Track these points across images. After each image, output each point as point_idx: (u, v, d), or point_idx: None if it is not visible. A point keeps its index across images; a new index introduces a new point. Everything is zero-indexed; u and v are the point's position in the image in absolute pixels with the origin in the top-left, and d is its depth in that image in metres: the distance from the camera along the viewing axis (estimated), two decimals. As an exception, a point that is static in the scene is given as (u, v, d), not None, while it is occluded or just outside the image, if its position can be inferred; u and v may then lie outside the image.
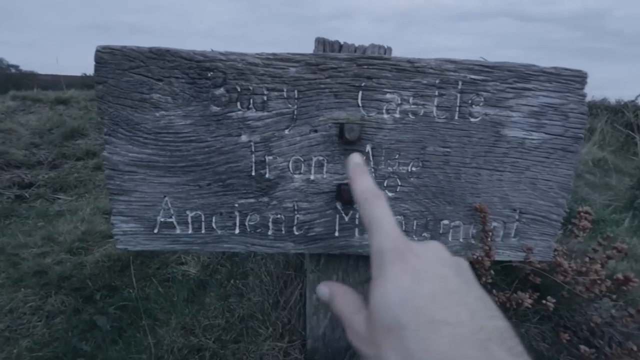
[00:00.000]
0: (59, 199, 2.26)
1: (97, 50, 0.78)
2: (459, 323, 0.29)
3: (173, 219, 0.86)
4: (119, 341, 1.16)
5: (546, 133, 0.84)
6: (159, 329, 1.10)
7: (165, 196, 0.85)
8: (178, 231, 0.87)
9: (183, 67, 0.78)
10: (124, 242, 0.88)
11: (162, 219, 0.86)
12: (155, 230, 0.87)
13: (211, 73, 0.78)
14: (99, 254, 1.60)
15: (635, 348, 0.79)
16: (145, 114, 0.80)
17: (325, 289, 0.45)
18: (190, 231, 0.87)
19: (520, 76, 0.81)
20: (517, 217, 0.89)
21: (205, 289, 1.29)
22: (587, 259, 1.01)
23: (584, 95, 0.83)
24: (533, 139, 0.84)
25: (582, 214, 1.15)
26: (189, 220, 0.87)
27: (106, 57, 0.78)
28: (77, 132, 3.07)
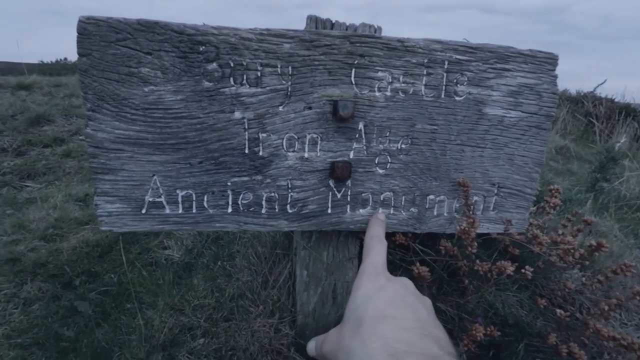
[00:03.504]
0: (27, 186, 2.15)
1: (80, 21, 0.75)
2: (405, 319, 0.37)
3: (162, 199, 0.85)
4: (103, 325, 1.14)
5: (522, 111, 0.90)
6: (147, 310, 1.09)
7: (154, 175, 0.83)
8: (167, 211, 0.86)
9: (173, 40, 0.76)
10: (108, 223, 0.86)
11: (151, 199, 0.85)
12: (143, 211, 0.86)
13: (203, 47, 0.77)
14: (76, 240, 1.54)
15: (607, 308, 0.88)
16: (133, 88, 0.78)
17: (312, 343, 0.57)
18: (180, 211, 0.87)
19: (500, 57, 0.86)
20: (495, 191, 0.95)
21: (191, 271, 1.28)
22: (560, 232, 1.09)
23: (556, 76, 0.89)
24: (511, 117, 0.89)
25: (552, 191, 1.23)
26: (179, 199, 0.86)
27: (90, 28, 0.75)
28: (42, 118, 2.90)
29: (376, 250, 0.50)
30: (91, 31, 0.75)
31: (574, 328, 0.94)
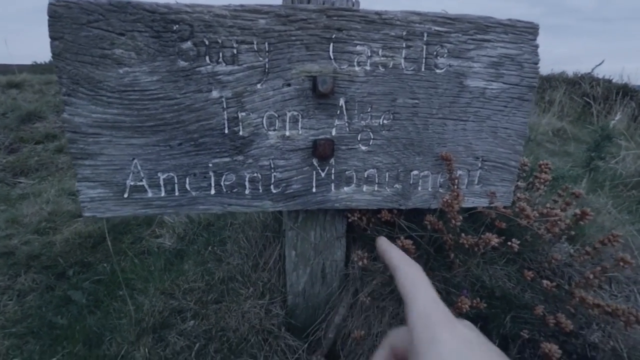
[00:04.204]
0: (20, 182, 2.14)
1: (51, 4, 0.74)
2: None
3: (144, 182, 0.85)
4: (96, 312, 1.15)
5: (504, 83, 0.89)
6: (138, 296, 1.10)
7: (134, 158, 0.83)
8: (150, 195, 0.86)
9: (146, 20, 0.75)
10: (91, 209, 0.85)
11: (132, 183, 0.85)
12: (125, 195, 0.85)
13: (177, 26, 0.76)
14: (69, 232, 1.54)
15: (592, 276, 0.88)
16: (107, 71, 0.77)
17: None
18: (163, 194, 0.86)
19: (480, 28, 0.85)
20: (480, 164, 0.94)
21: (182, 258, 1.29)
22: (548, 205, 1.09)
23: (537, 46, 0.88)
24: (493, 89, 0.89)
25: (542, 166, 1.23)
26: (161, 182, 0.86)
27: (61, 10, 0.74)
28: (34, 115, 2.89)
29: (417, 278, 0.40)
30: (62, 14, 0.74)
31: (561, 299, 0.94)
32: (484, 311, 0.89)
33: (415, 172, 0.93)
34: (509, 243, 0.92)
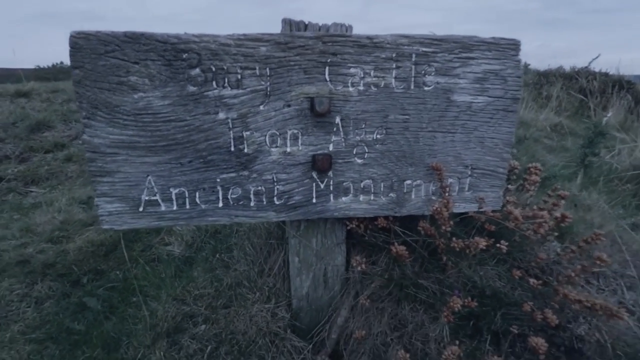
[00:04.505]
0: (32, 191, 2.22)
1: (72, 36, 0.81)
2: None
3: (157, 197, 0.92)
4: (112, 318, 1.22)
5: (489, 96, 0.95)
6: (151, 302, 1.17)
7: (148, 175, 0.90)
8: (163, 208, 0.93)
9: (158, 49, 0.82)
10: (109, 222, 0.93)
11: (147, 198, 0.92)
12: (141, 209, 0.92)
13: (186, 54, 0.83)
14: (82, 240, 1.62)
15: (573, 274, 0.94)
16: (123, 96, 0.84)
17: None
18: (175, 207, 0.94)
19: (465, 47, 0.91)
20: (469, 172, 1.01)
21: (191, 265, 1.36)
22: (535, 207, 1.15)
23: (519, 61, 0.95)
24: (479, 102, 0.95)
25: (531, 169, 1.29)
26: (173, 197, 0.93)
27: (81, 42, 0.81)
28: (42, 124, 2.97)
29: None
30: (82, 45, 0.81)
31: (548, 295, 1.01)
32: (475, 309, 0.96)
33: (408, 181, 0.99)
34: (498, 245, 0.99)
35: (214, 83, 0.85)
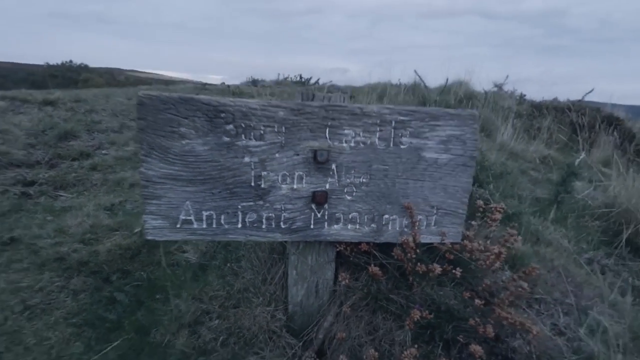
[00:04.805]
0: (61, 196, 2.49)
1: (140, 96, 1.10)
2: None
3: (192, 217, 1.20)
4: (140, 310, 1.48)
5: (451, 154, 1.23)
6: (173, 300, 1.42)
7: (186, 200, 1.18)
8: (195, 226, 1.21)
9: (203, 109, 1.11)
10: (152, 234, 1.20)
11: (184, 217, 1.19)
12: (178, 226, 1.20)
13: (223, 114, 1.12)
14: (110, 243, 1.88)
15: (506, 299, 1.21)
16: (174, 141, 1.12)
17: None
18: (204, 226, 1.21)
19: (433, 116, 1.20)
20: (435, 212, 1.29)
21: (205, 270, 1.61)
22: (487, 242, 1.43)
23: (476, 128, 1.23)
24: (443, 159, 1.23)
25: (494, 209, 1.57)
26: (204, 218, 1.20)
27: (146, 100, 1.10)
28: (69, 134, 3.26)
29: None
30: (147, 103, 1.10)
31: (488, 313, 1.27)
32: (432, 321, 1.22)
33: (386, 216, 1.27)
34: (454, 270, 1.26)
35: (242, 136, 1.14)
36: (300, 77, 9.20)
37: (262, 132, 1.14)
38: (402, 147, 1.21)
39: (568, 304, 1.52)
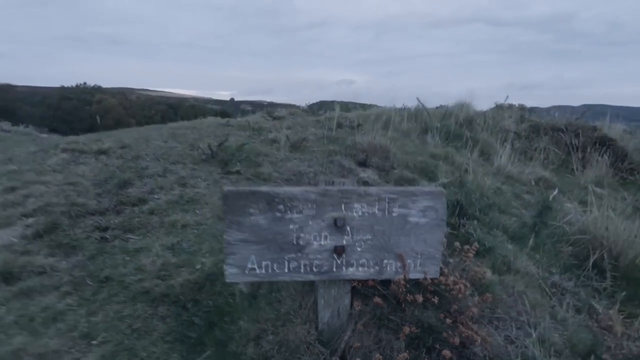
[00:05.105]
0: (131, 238, 3.12)
1: (225, 191, 1.73)
2: None
3: (255, 266, 1.81)
4: (214, 330, 2.07)
5: (428, 218, 1.82)
6: (238, 321, 2.00)
7: (252, 255, 1.79)
8: (257, 272, 1.81)
9: (264, 197, 1.73)
10: (230, 278, 1.81)
11: (250, 266, 1.80)
12: (246, 272, 1.81)
13: (277, 199, 1.74)
14: (181, 278, 2.48)
15: (470, 318, 1.76)
16: (245, 218, 1.74)
17: None
18: (263, 271, 1.82)
19: (414, 194, 1.79)
20: (419, 257, 1.86)
21: (256, 298, 2.19)
22: (463, 273, 1.99)
23: (444, 201, 1.82)
24: (422, 221, 1.82)
25: (469, 249, 2.13)
26: (263, 266, 1.81)
27: (229, 194, 1.73)
28: (126, 182, 3.95)
29: None
30: (230, 195, 1.73)
31: (456, 328, 1.82)
32: (418, 334, 1.79)
33: (385, 261, 1.85)
34: (433, 299, 1.83)
35: (289, 211, 1.75)
36: (311, 108, 10.00)
37: (301, 208, 1.76)
38: (393, 214, 1.80)
39: (521, 320, 2.07)
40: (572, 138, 7.19)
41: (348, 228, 1.80)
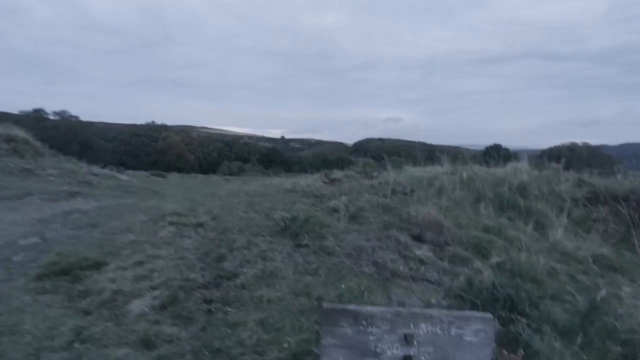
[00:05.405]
0: (229, 311, 3.88)
1: (324, 308, 2.41)
2: None
3: None
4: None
5: (480, 338, 2.33)
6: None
7: (340, 356, 2.41)
8: None
9: (351, 314, 2.38)
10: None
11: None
12: None
13: (360, 316, 2.37)
14: (274, 356, 3.15)
15: None
16: (337, 328, 2.39)
17: None
18: None
19: (468, 319, 2.33)
20: None
21: None
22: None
23: (493, 325, 2.33)
24: (474, 340, 2.33)
25: (514, 358, 2.58)
26: None
27: (327, 311, 2.40)
28: (222, 257, 4.83)
29: None
30: (327, 311, 2.40)
31: None
32: None
33: None
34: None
35: (369, 326, 2.37)
36: (364, 169, 10.79)
37: (379, 325, 2.37)
38: (452, 334, 2.35)
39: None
40: (632, 211, 6.96)
41: (415, 342, 2.37)
